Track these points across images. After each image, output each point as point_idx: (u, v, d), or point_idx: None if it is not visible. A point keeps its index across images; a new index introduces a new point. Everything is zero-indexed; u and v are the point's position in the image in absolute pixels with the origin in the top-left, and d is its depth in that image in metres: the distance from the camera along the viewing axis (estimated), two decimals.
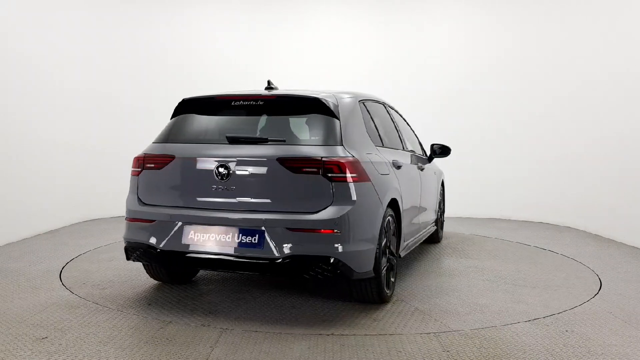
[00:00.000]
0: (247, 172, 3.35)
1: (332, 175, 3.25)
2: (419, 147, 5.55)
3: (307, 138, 3.47)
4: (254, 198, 3.34)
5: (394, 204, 3.88)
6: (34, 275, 4.42)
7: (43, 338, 3.04)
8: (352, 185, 3.29)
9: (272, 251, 3.23)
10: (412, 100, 7.81)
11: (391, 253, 3.84)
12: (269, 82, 4.01)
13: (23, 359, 2.76)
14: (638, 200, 6.00)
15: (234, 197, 3.37)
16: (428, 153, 5.56)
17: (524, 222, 7.81)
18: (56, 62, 6.75)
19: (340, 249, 3.22)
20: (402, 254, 4.22)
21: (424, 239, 5.20)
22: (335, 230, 3.21)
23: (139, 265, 4.75)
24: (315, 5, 8.46)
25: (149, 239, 3.51)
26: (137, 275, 4.46)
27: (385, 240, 3.65)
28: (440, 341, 3.10)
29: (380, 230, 3.54)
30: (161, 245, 3.46)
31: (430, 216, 5.46)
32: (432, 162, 5.64)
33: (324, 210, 3.23)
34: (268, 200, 3.32)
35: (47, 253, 5.24)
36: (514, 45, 8.02)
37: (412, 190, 4.50)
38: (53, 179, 6.54)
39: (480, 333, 3.25)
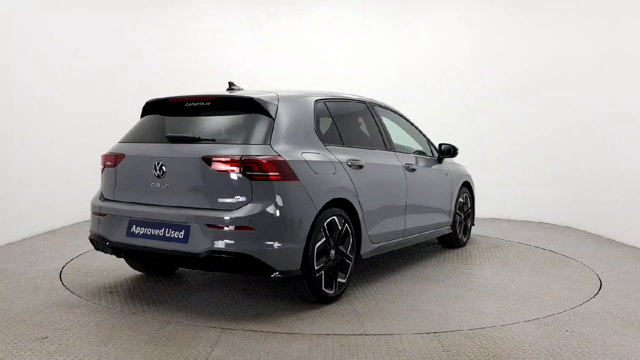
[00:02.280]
0: (178, 170, 3.54)
1: (252, 173, 3.33)
2: (428, 147, 5.40)
3: (236, 137, 3.55)
4: (183, 195, 3.52)
5: (345, 204, 3.88)
6: (34, 275, 4.42)
7: (43, 338, 3.04)
8: (271, 184, 3.35)
9: (195, 246, 3.36)
10: (413, 100, 7.81)
11: (342, 253, 3.83)
12: (230, 84, 4.17)
13: (23, 359, 2.76)
14: (638, 200, 6.00)
15: (168, 194, 3.57)
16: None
17: (524, 222, 7.81)
18: (54, 62, 6.75)
19: (255, 246, 3.29)
20: (368, 255, 4.19)
21: (419, 241, 5.11)
22: (251, 228, 3.27)
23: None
24: (318, 6, 8.46)
25: (103, 232, 3.81)
26: (138, 276, 4.46)
27: (323, 240, 3.63)
28: (440, 341, 3.10)
29: (312, 229, 3.52)
30: (111, 238, 3.74)
31: (435, 218, 5.27)
32: (443, 163, 5.48)
33: (241, 208, 3.31)
34: (194, 197, 3.48)
35: (47, 253, 5.24)
36: (513, 47, 8.01)
37: (385, 190, 4.39)
38: (53, 179, 6.53)
39: (480, 333, 3.25)
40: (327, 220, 3.67)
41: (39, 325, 3.24)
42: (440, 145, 5.43)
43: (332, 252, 3.73)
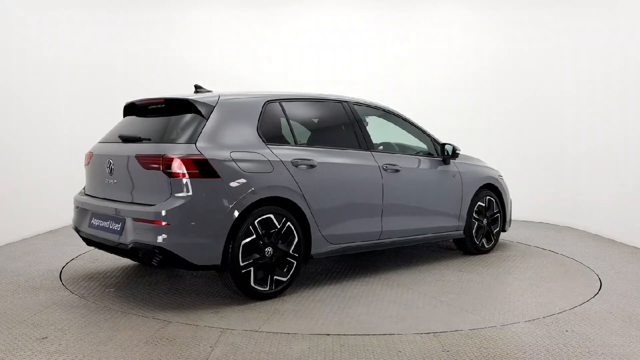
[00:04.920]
0: (121, 168, 3.85)
1: (171, 171, 3.53)
2: (433, 147, 5.21)
3: (168, 137, 3.76)
4: (123, 190, 3.83)
5: (290, 204, 3.92)
6: (34, 275, 4.42)
7: (43, 338, 3.04)
8: (188, 181, 3.52)
9: (126, 238, 3.62)
10: (409, 99, 7.80)
11: (283, 252, 3.86)
12: (196, 86, 4.33)
13: (23, 359, 2.76)
14: (638, 200, 6.00)
15: (115, 189, 3.91)
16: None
17: (524, 222, 7.80)
18: (54, 63, 6.75)
19: (170, 240, 3.46)
20: (324, 256, 4.21)
21: (411, 244, 4.98)
22: (166, 223, 3.46)
23: (138, 265, 4.78)
24: (314, 4, 8.46)
25: (77, 223, 4.25)
26: (137, 275, 4.47)
27: (253, 237, 3.69)
28: (440, 341, 3.11)
29: (236, 226, 3.62)
30: (80, 228, 4.17)
31: (436, 222, 5.07)
32: (451, 163, 5.26)
33: (160, 204, 3.52)
34: (130, 193, 3.77)
35: (47, 253, 5.25)
36: (513, 44, 8.01)
37: (348, 190, 4.31)
38: (53, 179, 6.54)
39: (480, 333, 3.25)
40: (260, 218, 3.74)
41: (39, 325, 3.24)
42: (443, 145, 5.23)
43: (269, 249, 3.78)
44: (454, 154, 5.25)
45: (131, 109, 4.33)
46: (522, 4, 7.95)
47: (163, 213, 3.46)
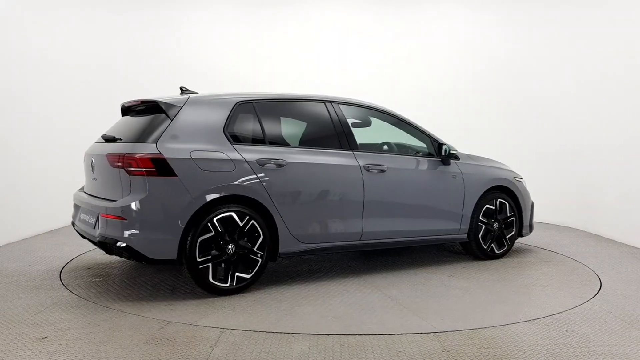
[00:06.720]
0: (98, 166, 4.12)
1: (131, 169, 3.74)
2: (432, 147, 5.07)
3: (135, 136, 3.95)
4: (99, 187, 4.13)
5: (255, 202, 3.99)
6: (34, 275, 4.42)
7: (43, 338, 3.04)
8: (145, 179, 3.71)
9: (96, 232, 3.88)
10: (409, 99, 7.80)
11: (248, 250, 3.94)
12: (181, 89, 4.46)
13: (23, 359, 2.76)
14: (638, 200, 6.00)
15: (95, 186, 4.21)
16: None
17: None
18: (56, 61, 6.75)
19: (126, 234, 3.68)
20: (296, 255, 4.24)
21: (404, 246, 4.92)
22: (124, 218, 3.68)
23: (138, 265, 4.79)
24: (314, 4, 8.46)
25: (73, 218, 4.54)
26: (137, 275, 4.47)
27: (212, 234, 3.81)
28: (440, 341, 3.11)
29: (193, 222, 3.76)
30: (75, 221, 4.45)
31: (432, 224, 4.91)
32: (452, 164, 5.10)
33: (120, 200, 3.76)
34: (102, 189, 4.06)
35: (47, 253, 5.25)
36: (514, 44, 8.01)
37: (322, 190, 4.28)
38: (53, 179, 6.54)
39: (480, 333, 3.25)
40: (221, 216, 3.85)
41: (39, 325, 3.24)
42: (440, 145, 5.06)
43: (231, 246, 3.88)
44: (451, 154, 5.09)
45: (125, 110, 4.54)
46: (523, 4, 7.95)
47: (121, 209, 3.69)
